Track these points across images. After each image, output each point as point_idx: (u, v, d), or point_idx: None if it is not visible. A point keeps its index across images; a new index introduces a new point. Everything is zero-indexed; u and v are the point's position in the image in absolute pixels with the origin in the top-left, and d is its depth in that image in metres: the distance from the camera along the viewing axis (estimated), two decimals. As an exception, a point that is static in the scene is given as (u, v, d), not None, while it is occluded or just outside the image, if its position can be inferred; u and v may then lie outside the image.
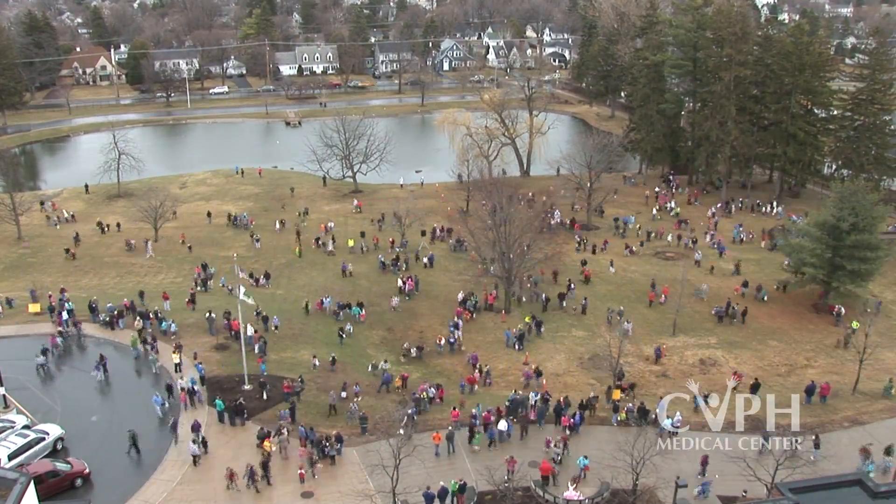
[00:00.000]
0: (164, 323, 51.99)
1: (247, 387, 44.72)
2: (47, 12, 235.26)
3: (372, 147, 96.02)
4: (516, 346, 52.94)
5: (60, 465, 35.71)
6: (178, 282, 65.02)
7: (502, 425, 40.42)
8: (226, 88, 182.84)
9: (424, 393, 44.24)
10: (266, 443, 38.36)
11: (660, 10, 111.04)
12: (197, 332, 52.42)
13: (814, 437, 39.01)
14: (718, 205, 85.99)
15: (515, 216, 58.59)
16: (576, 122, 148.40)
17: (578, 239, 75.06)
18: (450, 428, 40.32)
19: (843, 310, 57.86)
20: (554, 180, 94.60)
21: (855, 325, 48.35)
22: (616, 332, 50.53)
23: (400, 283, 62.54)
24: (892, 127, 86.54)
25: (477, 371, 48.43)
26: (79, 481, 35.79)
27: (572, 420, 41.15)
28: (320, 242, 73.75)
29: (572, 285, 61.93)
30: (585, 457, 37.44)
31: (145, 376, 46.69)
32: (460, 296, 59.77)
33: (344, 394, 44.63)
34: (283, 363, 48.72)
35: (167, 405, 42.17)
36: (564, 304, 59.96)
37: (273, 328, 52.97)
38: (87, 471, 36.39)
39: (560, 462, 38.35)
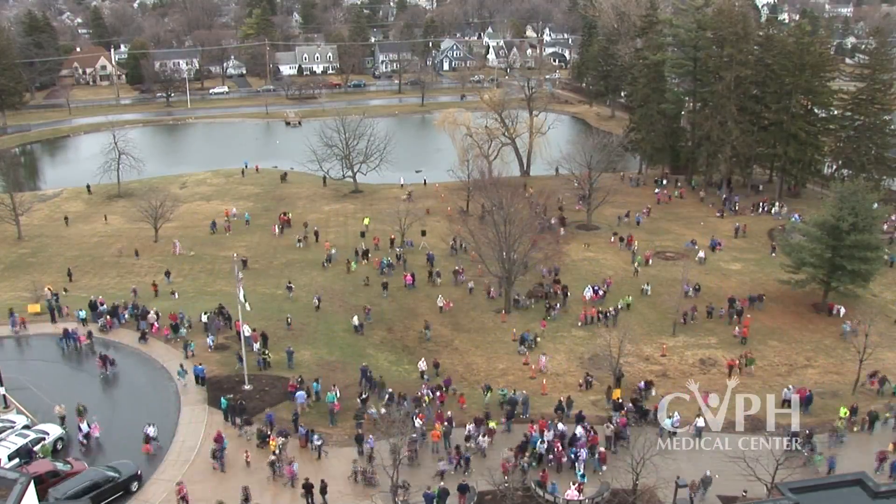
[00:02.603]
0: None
1: (247, 387, 44.75)
2: (47, 12, 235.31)
3: (372, 147, 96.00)
4: (530, 346, 52.49)
5: (60, 466, 35.67)
6: (178, 281, 65.00)
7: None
8: (226, 88, 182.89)
9: (426, 396, 44.05)
10: (272, 443, 38.43)
11: (660, 10, 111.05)
12: (196, 332, 52.39)
13: (807, 432, 39.07)
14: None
15: (516, 216, 58.52)
16: (576, 122, 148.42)
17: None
18: (446, 424, 40.38)
19: (842, 309, 57.76)
20: (553, 180, 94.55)
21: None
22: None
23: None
24: (893, 127, 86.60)
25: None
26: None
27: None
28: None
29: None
30: (583, 475, 37.29)
31: (146, 377, 46.69)
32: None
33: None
34: (283, 362, 48.71)
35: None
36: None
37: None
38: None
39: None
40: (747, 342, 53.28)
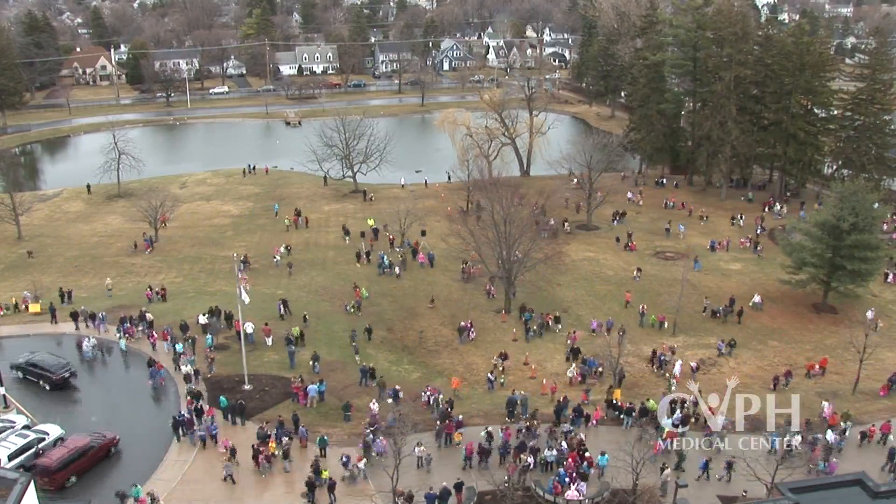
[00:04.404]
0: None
1: (247, 387, 44.75)
2: (47, 12, 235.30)
3: (372, 147, 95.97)
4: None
5: (94, 439, 37.98)
6: (178, 281, 65.08)
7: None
8: (226, 88, 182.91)
9: (437, 398, 43.68)
10: (271, 444, 38.39)
11: (660, 10, 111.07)
12: (196, 332, 52.32)
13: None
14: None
15: (516, 216, 58.52)
16: (576, 122, 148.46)
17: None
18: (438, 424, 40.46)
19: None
20: (554, 180, 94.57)
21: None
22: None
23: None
24: (893, 127, 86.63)
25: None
26: (112, 449, 38.57)
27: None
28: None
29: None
30: (603, 453, 37.39)
31: (147, 378, 46.66)
32: None
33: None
34: (283, 363, 48.71)
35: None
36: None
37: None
38: (118, 438, 39.08)
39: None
40: (824, 372, 49.81)
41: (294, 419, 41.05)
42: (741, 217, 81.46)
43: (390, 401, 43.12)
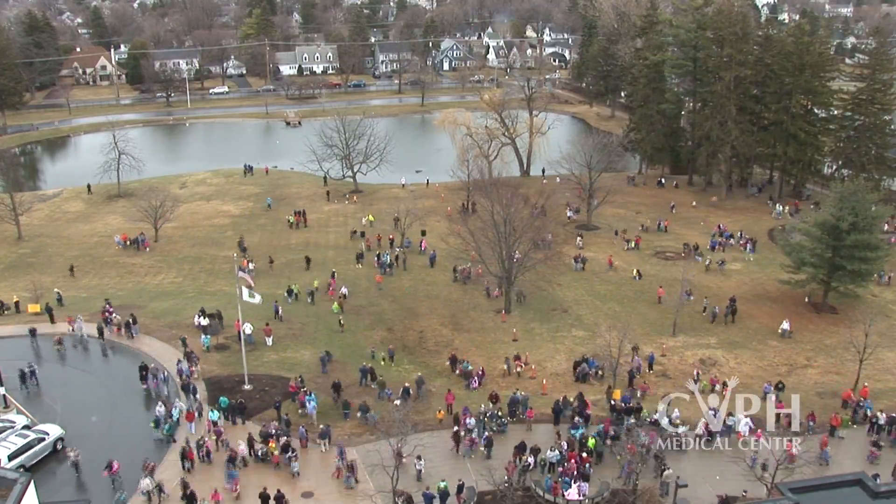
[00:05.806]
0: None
1: (247, 387, 44.72)
2: (47, 12, 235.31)
3: (372, 147, 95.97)
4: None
5: None
6: (178, 281, 65.07)
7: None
8: (226, 88, 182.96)
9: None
10: (271, 444, 38.37)
11: (660, 10, 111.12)
12: (196, 332, 52.30)
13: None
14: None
15: (516, 216, 58.50)
16: (576, 122, 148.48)
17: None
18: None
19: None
20: (554, 181, 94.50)
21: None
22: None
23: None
24: (893, 127, 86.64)
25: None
26: None
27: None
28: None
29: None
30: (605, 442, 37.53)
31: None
32: None
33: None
34: (283, 363, 48.71)
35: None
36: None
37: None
38: None
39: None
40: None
41: (276, 406, 41.65)
42: (741, 234, 77.06)
43: (397, 401, 43.09)
